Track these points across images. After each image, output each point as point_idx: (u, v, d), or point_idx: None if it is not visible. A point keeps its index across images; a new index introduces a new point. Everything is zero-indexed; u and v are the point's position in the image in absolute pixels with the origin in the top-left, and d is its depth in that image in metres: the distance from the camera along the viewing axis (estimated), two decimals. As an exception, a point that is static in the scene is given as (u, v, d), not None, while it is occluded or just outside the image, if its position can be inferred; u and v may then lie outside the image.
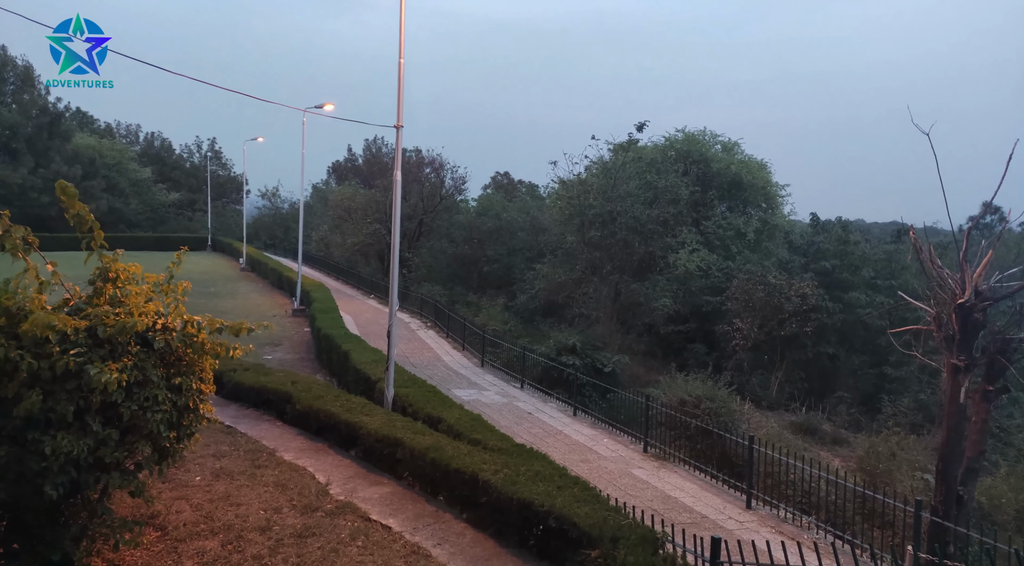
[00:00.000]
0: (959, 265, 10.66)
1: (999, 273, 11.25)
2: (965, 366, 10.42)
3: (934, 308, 11.14)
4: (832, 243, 23.80)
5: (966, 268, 10.55)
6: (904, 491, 12.02)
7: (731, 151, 29.64)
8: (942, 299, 11.16)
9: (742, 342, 21.43)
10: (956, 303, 10.43)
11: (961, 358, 10.41)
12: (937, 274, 11.08)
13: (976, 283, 10.39)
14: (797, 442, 16.26)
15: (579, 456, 12.19)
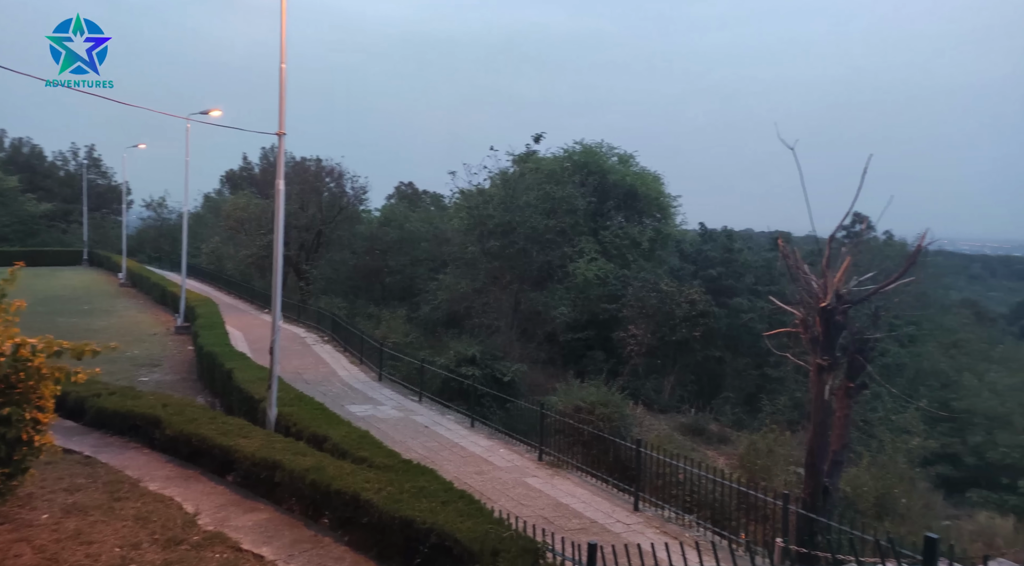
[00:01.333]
0: (822, 271, 11.47)
1: (857, 278, 12.19)
2: (828, 365, 11.17)
3: (802, 312, 11.93)
4: (718, 251, 25.17)
5: (828, 274, 11.35)
6: (779, 485, 12.75)
7: (627, 163, 30.75)
8: (809, 303, 11.94)
9: (637, 348, 22.17)
10: (820, 307, 11.18)
11: (825, 358, 11.14)
12: (804, 280, 11.85)
13: (837, 287, 11.19)
14: (686, 443, 16.95)
15: (474, 468, 12.12)
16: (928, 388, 21.72)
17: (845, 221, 17.94)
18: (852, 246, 22.22)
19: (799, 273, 11.96)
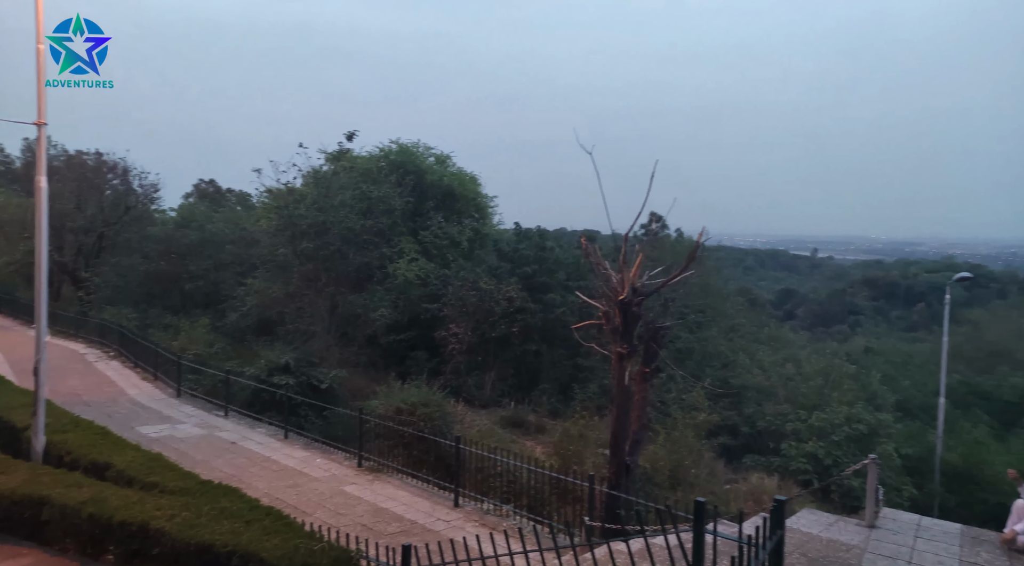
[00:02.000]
0: (620, 267, 12.46)
1: (649, 272, 13.40)
2: (628, 353, 12.14)
3: (604, 305, 12.87)
4: (532, 250, 26.32)
5: (624, 269, 12.34)
6: (589, 468, 13.65)
7: (444, 163, 31.00)
8: (609, 296, 12.88)
9: (458, 346, 22.48)
10: (618, 299, 12.12)
11: (624, 346, 12.09)
12: (604, 275, 12.79)
13: (633, 281, 12.20)
14: (506, 435, 17.52)
15: (288, 482, 11.50)
16: (712, 368, 24.55)
17: (642, 220, 19.72)
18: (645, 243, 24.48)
19: (599, 269, 12.89)
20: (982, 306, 62.37)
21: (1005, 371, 34.73)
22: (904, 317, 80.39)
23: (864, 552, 7.10)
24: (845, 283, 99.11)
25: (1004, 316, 51.17)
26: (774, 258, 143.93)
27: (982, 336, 46.07)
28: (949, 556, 7.03)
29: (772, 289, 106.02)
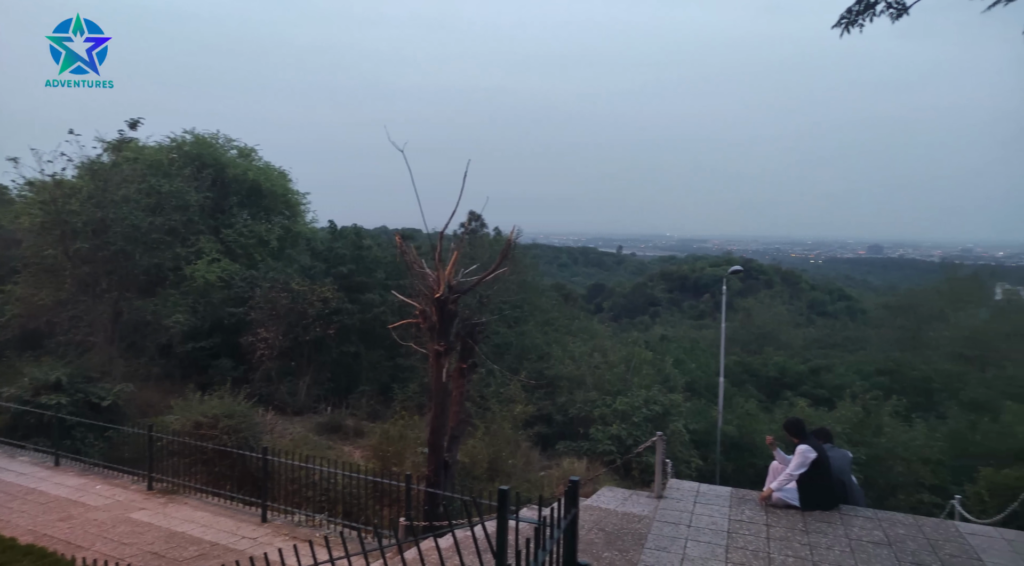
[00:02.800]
0: (435, 265, 12.51)
1: (463, 270, 13.61)
2: (445, 350, 12.22)
3: (421, 303, 12.85)
4: (349, 248, 25.52)
5: (440, 267, 12.40)
6: (410, 468, 13.57)
7: (248, 157, 28.93)
8: (426, 295, 12.89)
9: (268, 352, 21.13)
10: (435, 297, 12.16)
11: (441, 344, 12.16)
12: (420, 273, 12.77)
13: (448, 279, 12.30)
14: (323, 442, 16.83)
15: (59, 514, 10.02)
16: (529, 361, 25.62)
17: (462, 219, 19.98)
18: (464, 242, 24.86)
19: (415, 267, 12.86)
20: (754, 295, 71.98)
21: (770, 350, 40.40)
22: (694, 306, 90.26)
23: (653, 521, 7.82)
24: (646, 277, 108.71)
25: (769, 304, 59.50)
26: (585, 255, 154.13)
27: (753, 321, 53.16)
28: (720, 516, 7.98)
29: (584, 284, 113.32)
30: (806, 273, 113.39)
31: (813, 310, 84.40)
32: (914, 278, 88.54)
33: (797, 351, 47.78)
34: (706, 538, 7.33)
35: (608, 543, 7.20)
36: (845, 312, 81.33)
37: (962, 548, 7.36)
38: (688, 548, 7.07)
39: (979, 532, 8.03)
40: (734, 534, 7.46)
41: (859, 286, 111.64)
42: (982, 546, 7.44)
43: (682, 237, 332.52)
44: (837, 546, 7.23)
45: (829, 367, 36.55)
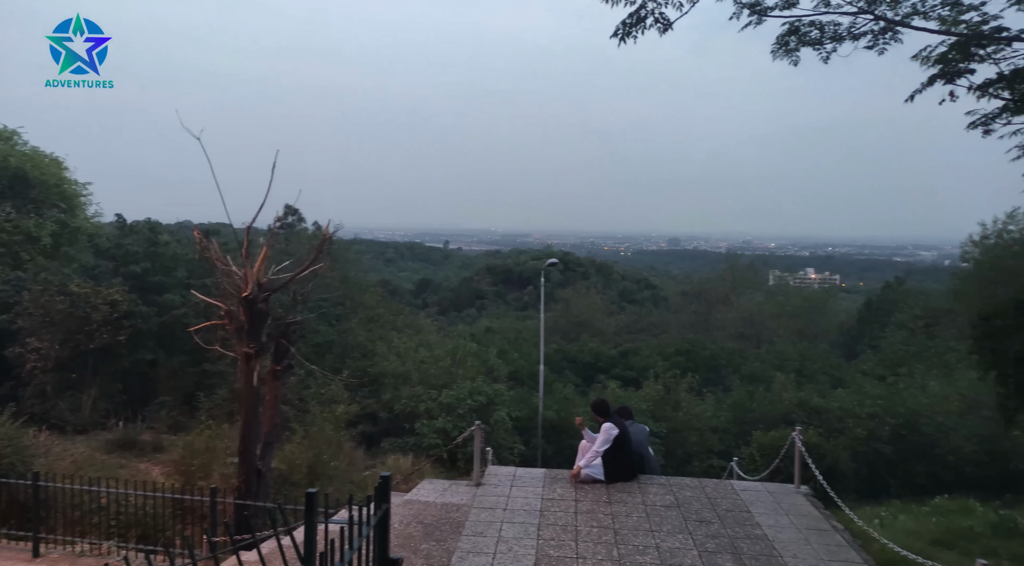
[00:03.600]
0: (243, 262, 11.68)
1: (275, 266, 12.87)
2: (256, 352, 11.49)
3: (227, 303, 11.94)
4: (142, 245, 22.98)
5: (247, 264, 11.60)
6: (219, 480, 12.59)
7: (10, 141, 24.86)
8: (233, 294, 12.00)
9: (42, 363, 18.41)
10: (242, 297, 11.36)
11: (251, 345, 11.40)
12: (225, 271, 11.85)
13: (258, 277, 11.54)
14: (113, 462, 15.05)
15: None
16: (352, 359, 24.94)
17: (277, 213, 18.76)
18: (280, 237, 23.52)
19: (219, 264, 11.94)
20: (572, 286, 76.32)
21: (586, 338, 43.19)
22: (518, 298, 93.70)
23: (471, 508, 8.00)
24: (472, 271, 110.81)
25: (585, 294, 63.52)
26: (412, 250, 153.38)
27: (571, 311, 56.43)
28: (534, 497, 8.39)
29: (411, 279, 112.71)
30: (617, 264, 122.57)
31: (624, 298, 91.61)
32: (705, 268, 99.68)
33: (610, 337, 51.58)
34: (520, 519, 7.66)
35: (427, 535, 7.24)
36: (651, 300, 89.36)
37: (735, 503, 8.43)
38: (503, 530, 7.33)
39: (749, 487, 9.25)
40: (546, 512, 7.87)
41: (662, 275, 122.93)
42: (751, 499, 8.58)
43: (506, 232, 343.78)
44: (635, 513, 7.92)
45: (636, 350, 39.89)
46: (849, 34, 5.41)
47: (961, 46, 4.28)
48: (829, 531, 7.63)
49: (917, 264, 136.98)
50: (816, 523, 7.88)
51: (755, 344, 48.89)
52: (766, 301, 56.79)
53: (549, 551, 6.80)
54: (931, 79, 4.43)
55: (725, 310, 55.80)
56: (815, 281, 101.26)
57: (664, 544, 7.04)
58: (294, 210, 42.70)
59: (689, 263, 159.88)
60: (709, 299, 60.10)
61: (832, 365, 39.40)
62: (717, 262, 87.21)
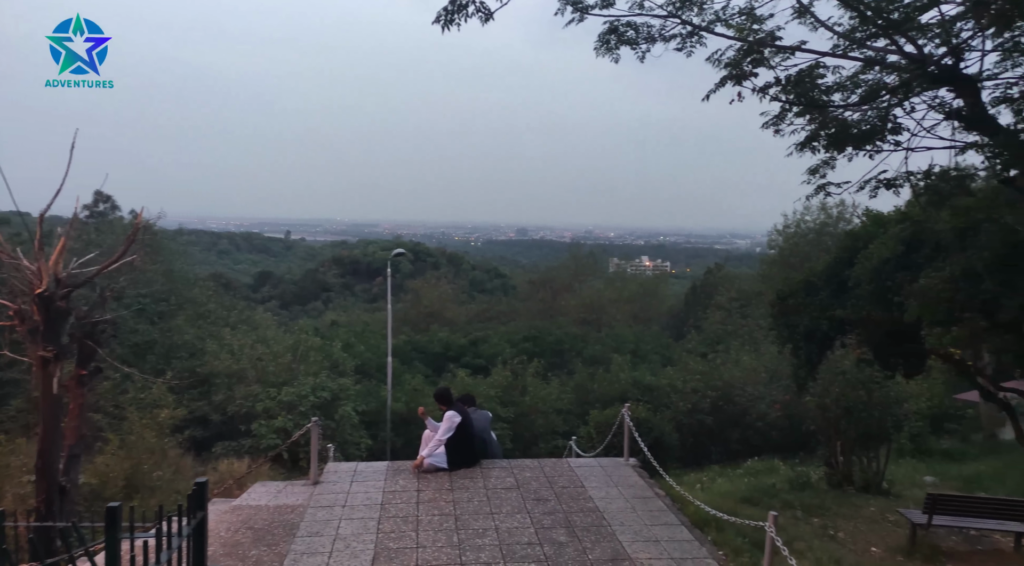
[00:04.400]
0: (36, 255, 10.27)
1: (77, 259, 11.45)
2: (54, 356, 10.17)
3: (18, 302, 10.49)
4: (-95, 236, 19.38)
5: (41, 256, 10.23)
6: (12, 502, 11.07)
7: None
8: (24, 291, 10.58)
9: None
10: (36, 293, 10.02)
11: (49, 349, 10.08)
12: (13, 264, 10.40)
13: (55, 271, 10.21)
14: None
15: None
16: (179, 359, 22.95)
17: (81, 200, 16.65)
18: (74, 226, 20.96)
19: (4, 257, 10.46)
20: (422, 277, 75.90)
21: (436, 328, 43.20)
22: (367, 290, 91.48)
23: (307, 508, 7.68)
24: (317, 263, 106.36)
25: (435, 284, 63.40)
26: (249, 241, 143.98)
27: (421, 301, 56.09)
28: (375, 491, 8.23)
29: (250, 272, 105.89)
30: (468, 254, 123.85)
31: (474, 288, 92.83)
32: (551, 257, 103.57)
33: (461, 326, 52.02)
34: (360, 514, 7.47)
35: (257, 540, 6.84)
36: (500, 289, 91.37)
37: (571, 479, 8.85)
38: (341, 528, 7.11)
39: (584, 464, 9.76)
40: (387, 505, 7.76)
41: (511, 265, 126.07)
42: (585, 475, 9.05)
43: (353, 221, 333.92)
44: (476, 497, 8.05)
45: (486, 339, 40.60)
46: (660, 36, 5.82)
47: (746, 52, 4.76)
48: (653, 498, 8.25)
49: (734, 251, 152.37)
50: (642, 492, 8.49)
51: (596, 328, 51.72)
52: (606, 287, 60.24)
53: (389, 544, 6.70)
54: (723, 80, 4.89)
55: (569, 297, 58.38)
56: (649, 268, 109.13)
57: (503, 525, 7.22)
58: (106, 197, 38.30)
59: (536, 252, 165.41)
60: (555, 287, 62.52)
61: (663, 345, 42.78)
62: (562, 251, 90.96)
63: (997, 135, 4.52)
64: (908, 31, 4.58)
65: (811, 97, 5.03)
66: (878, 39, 4.80)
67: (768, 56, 5.40)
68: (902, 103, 4.91)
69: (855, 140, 5.00)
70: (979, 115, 4.53)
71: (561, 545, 6.73)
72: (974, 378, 11.03)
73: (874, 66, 5.50)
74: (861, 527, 11.38)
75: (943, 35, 4.46)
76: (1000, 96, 4.65)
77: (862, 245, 11.25)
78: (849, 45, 5.41)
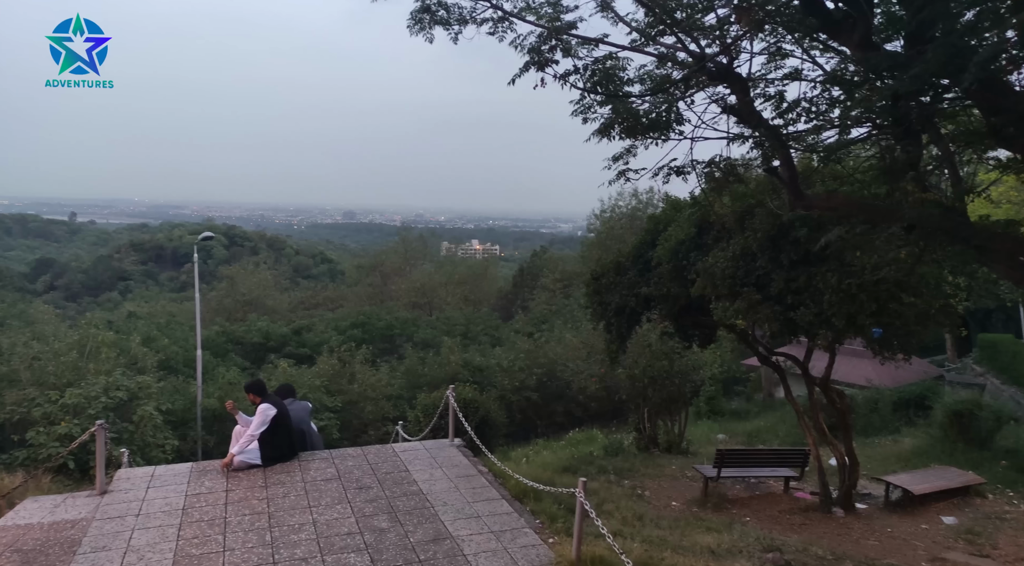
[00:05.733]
0: None
1: None
2: None
3: None
4: None
5: None
6: None
7: None
8: None
9: None
10: None
11: None
12: None
13: None
14: None
15: None
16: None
17: None
18: None
19: None
20: (239, 263, 70.64)
21: (255, 317, 40.50)
22: (175, 278, 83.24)
23: (92, 521, 6.81)
24: (112, 249, 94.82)
25: (254, 270, 59.40)
26: (24, 224, 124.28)
27: (237, 289, 52.28)
28: (176, 495, 7.51)
29: (25, 260, 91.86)
30: (291, 238, 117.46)
31: (299, 274, 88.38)
32: (381, 240, 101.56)
33: (284, 314, 49.31)
34: (157, 522, 6.77)
35: (26, 563, 5.93)
36: (327, 274, 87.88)
37: (396, 465, 8.75)
38: (134, 539, 6.40)
39: (409, 448, 9.70)
40: (190, 509, 7.11)
41: (338, 249, 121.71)
42: (410, 459, 9.00)
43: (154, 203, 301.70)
44: (293, 492, 7.65)
45: (311, 326, 38.89)
46: (472, 19, 5.82)
47: (545, 38, 4.94)
48: (476, 476, 8.42)
49: (559, 235, 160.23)
50: (466, 471, 8.62)
51: (428, 312, 51.74)
52: (437, 271, 60.34)
53: (191, 550, 6.15)
54: (526, 65, 5.03)
55: (400, 281, 57.72)
56: (479, 251, 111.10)
57: (322, 518, 6.94)
58: None
59: (366, 236, 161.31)
60: (384, 271, 61.47)
61: (492, 326, 43.89)
62: (392, 235, 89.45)
63: (761, 128, 5.13)
64: (691, 31, 5.02)
65: (608, 87, 5.34)
66: (667, 36, 5.20)
67: (575, 47, 5.63)
68: (684, 97, 5.39)
69: (645, 129, 5.40)
70: (748, 110, 5.10)
71: (382, 531, 6.62)
72: (754, 346, 12.56)
73: (667, 62, 5.95)
74: (664, 484, 12.58)
75: (719, 36, 4.95)
76: (760, 93, 5.28)
77: (663, 228, 12.32)
78: (644, 41, 5.79)
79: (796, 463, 12.25)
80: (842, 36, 4.56)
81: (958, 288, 9.61)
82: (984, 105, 4.26)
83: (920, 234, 5.05)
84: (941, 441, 14.69)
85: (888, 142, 5.48)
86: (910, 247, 5.28)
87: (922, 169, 5.39)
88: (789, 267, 9.12)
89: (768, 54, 5.64)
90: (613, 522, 7.63)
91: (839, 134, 5.27)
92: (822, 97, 5.10)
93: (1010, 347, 20.54)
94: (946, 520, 10.54)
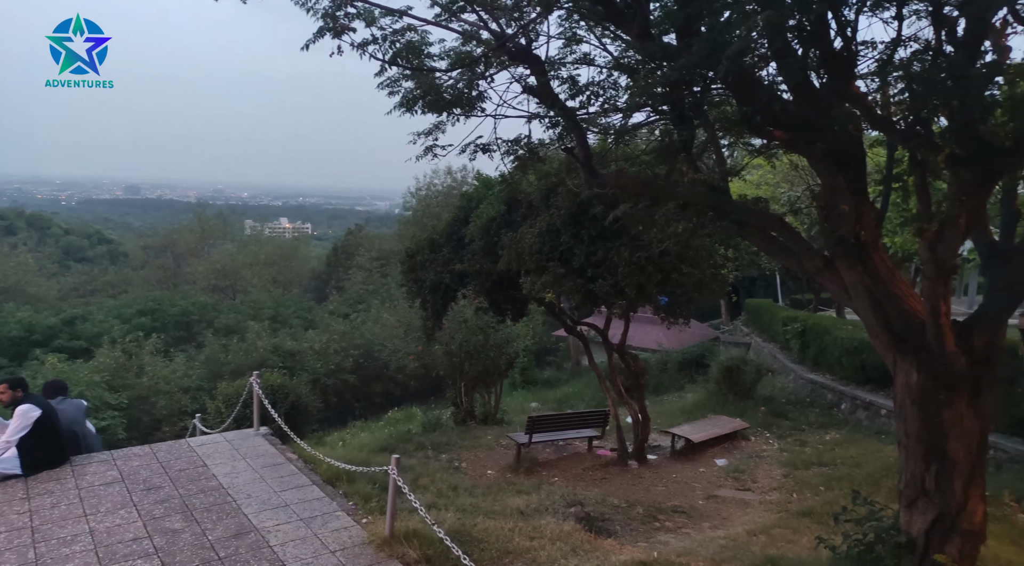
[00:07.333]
0: None
1: None
2: None
3: None
4: None
5: None
6: None
7: None
8: None
9: None
10: None
11: None
12: None
13: None
14: None
15: None
16: None
17: None
18: None
19: None
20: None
21: (13, 307, 34.65)
22: (-101, 264, 68.31)
23: None
24: None
25: (10, 253, 50.75)
26: None
27: (-11, 274, 44.40)
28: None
29: None
30: (58, 216, 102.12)
31: (70, 256, 77.16)
32: (172, 218, 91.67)
33: (52, 303, 42.89)
34: None
35: None
36: (106, 256, 77.62)
37: (191, 461, 8.04)
38: None
39: (208, 441, 8.96)
40: (-77, 538, 5.93)
41: (120, 228, 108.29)
42: (207, 453, 8.32)
43: None
44: (64, 501, 6.72)
45: (87, 315, 34.25)
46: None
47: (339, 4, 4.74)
48: (284, 464, 8.02)
49: (375, 213, 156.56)
50: (272, 460, 8.17)
51: (231, 295, 48.02)
52: (240, 251, 56.04)
53: (-76, 586, 5.16)
54: (320, 31, 4.78)
55: (197, 263, 52.79)
56: (288, 230, 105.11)
57: (101, 525, 6.18)
58: None
59: (153, 213, 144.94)
60: (177, 252, 55.83)
61: (304, 308, 41.93)
62: (186, 212, 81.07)
63: (557, 109, 5.39)
64: (491, 9, 5.09)
65: (412, 61, 5.26)
66: (468, 13, 5.23)
67: (378, 17, 5.43)
68: (485, 75, 5.48)
69: (448, 105, 5.42)
70: (546, 91, 5.32)
71: (175, 532, 6.07)
72: (561, 317, 13.34)
73: (471, 39, 5.98)
74: (480, 455, 12.99)
75: (516, 18, 5.10)
76: (556, 75, 5.55)
77: (475, 205, 12.56)
78: (448, 17, 5.77)
79: (598, 423, 13.30)
80: (625, 26, 4.92)
81: (727, 259, 10.99)
82: (739, 95, 4.87)
83: (693, 210, 5.67)
84: (715, 394, 16.82)
85: (667, 126, 6.06)
86: (685, 222, 5.91)
87: (695, 152, 6.03)
88: (589, 242, 9.79)
89: (564, 39, 5.91)
90: (428, 495, 7.74)
91: (623, 117, 5.71)
92: (608, 81, 5.49)
93: (769, 309, 24.02)
94: (719, 462, 12.14)
